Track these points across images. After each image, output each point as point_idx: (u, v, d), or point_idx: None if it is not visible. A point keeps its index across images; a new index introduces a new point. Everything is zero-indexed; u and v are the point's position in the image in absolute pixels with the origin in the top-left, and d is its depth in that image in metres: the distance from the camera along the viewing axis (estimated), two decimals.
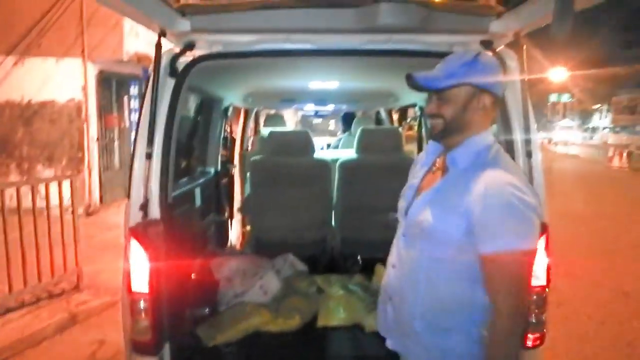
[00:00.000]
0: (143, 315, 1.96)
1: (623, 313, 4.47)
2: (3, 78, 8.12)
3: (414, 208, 1.49)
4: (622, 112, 33.02)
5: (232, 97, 3.67)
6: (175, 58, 2.02)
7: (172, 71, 2.02)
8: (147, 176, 1.95)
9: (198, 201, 2.88)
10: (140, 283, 1.94)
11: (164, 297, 1.97)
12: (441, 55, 2.04)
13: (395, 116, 5.49)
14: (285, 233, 3.21)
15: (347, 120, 5.39)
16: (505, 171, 1.36)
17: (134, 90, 9.58)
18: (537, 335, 1.91)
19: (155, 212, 1.98)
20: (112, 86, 9.07)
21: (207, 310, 2.53)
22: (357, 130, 4.60)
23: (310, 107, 5.26)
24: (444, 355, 1.44)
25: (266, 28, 2.04)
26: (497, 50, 2.03)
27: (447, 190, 1.42)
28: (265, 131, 4.60)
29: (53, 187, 4.51)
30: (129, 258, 1.94)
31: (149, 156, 1.94)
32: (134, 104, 9.61)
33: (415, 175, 1.60)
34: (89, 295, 4.50)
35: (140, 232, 1.93)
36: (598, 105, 37.75)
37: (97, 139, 8.57)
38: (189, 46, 2.03)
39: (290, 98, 4.03)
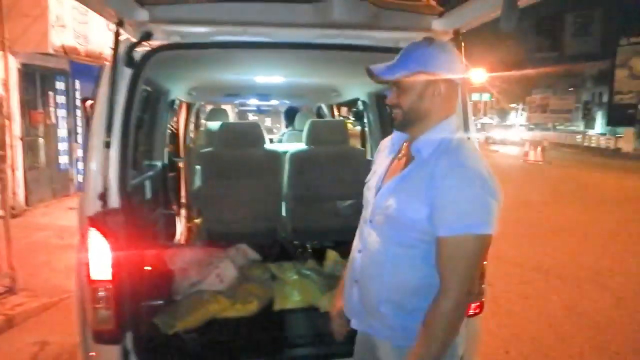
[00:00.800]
0: (105, 304, 1.96)
1: (543, 289, 4.96)
2: None
3: (380, 195, 1.52)
4: (535, 111, 35.79)
5: (179, 90, 3.66)
6: (132, 48, 2.03)
7: (129, 61, 2.02)
8: (105, 165, 1.95)
9: (149, 193, 2.87)
10: (102, 272, 1.94)
11: (124, 285, 1.99)
12: (386, 50, 2.23)
13: (336, 111, 5.67)
14: (236, 224, 3.26)
15: (290, 115, 5.49)
16: (466, 158, 1.40)
17: (60, 85, 9.07)
18: (477, 304, 2.14)
19: (114, 201, 1.98)
20: (36, 81, 8.53)
21: (163, 300, 2.55)
22: (301, 124, 4.73)
23: (255, 102, 5.30)
24: (408, 334, 1.45)
25: (224, 20, 2.11)
26: None
27: (412, 177, 1.45)
28: (210, 125, 4.59)
29: None
30: (88, 248, 1.93)
31: (107, 145, 1.94)
32: (61, 99, 9.10)
33: (381, 163, 1.63)
34: (25, 298, 4.28)
35: (100, 221, 1.93)
36: (514, 105, 40.54)
37: (21, 136, 8.04)
38: (146, 36, 2.04)
39: (239, 92, 4.07)
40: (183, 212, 3.79)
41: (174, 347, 2.29)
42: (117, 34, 1.94)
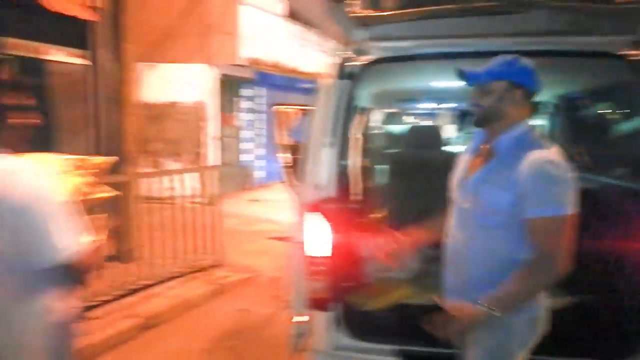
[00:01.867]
0: (322, 276, 2.35)
1: None
2: (139, 82, 9.19)
3: (467, 186, 1.79)
4: None
5: (367, 97, 4.01)
6: (349, 63, 2.38)
7: (347, 74, 2.37)
8: (325, 161, 2.34)
9: (348, 187, 3.24)
10: (321, 249, 2.33)
11: (338, 263, 2.35)
12: (588, 55, 2.25)
13: None
14: (418, 220, 3.47)
15: (464, 117, 5.54)
16: (543, 152, 1.63)
17: (246, 92, 10.37)
18: None
19: (331, 191, 2.36)
20: (228, 89, 9.91)
21: (359, 280, 2.88)
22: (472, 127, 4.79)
23: (429, 105, 5.46)
24: None
25: (430, 34, 2.35)
26: None
27: (495, 169, 1.71)
28: (388, 128, 4.87)
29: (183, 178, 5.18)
30: (311, 228, 2.33)
31: (329, 144, 2.33)
32: (246, 105, 10.40)
33: (463, 160, 1.92)
34: (227, 272, 5.10)
35: (322, 206, 2.32)
36: None
37: (216, 136, 9.41)
38: (363, 52, 2.38)
39: (420, 97, 4.28)
40: (367, 206, 4.10)
41: (371, 322, 2.60)
42: (341, 52, 2.31)
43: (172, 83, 9.09)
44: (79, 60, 5.39)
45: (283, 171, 6.98)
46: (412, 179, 3.50)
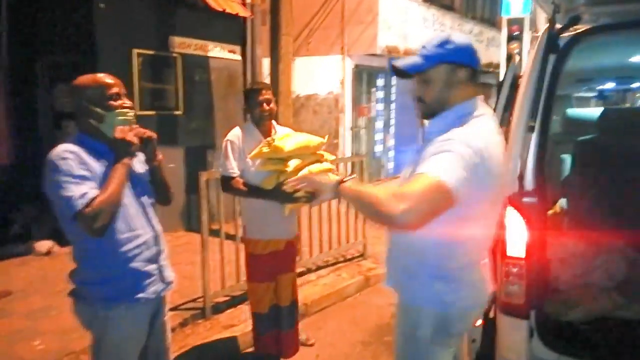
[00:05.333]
0: (517, 279, 2.08)
1: None
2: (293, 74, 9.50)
3: (405, 172, 1.76)
4: None
5: (568, 73, 3.51)
6: (557, 35, 2.05)
7: (554, 47, 2.05)
8: (525, 149, 2.04)
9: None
10: (517, 249, 2.06)
11: (535, 264, 2.05)
12: None
13: None
14: (615, 216, 2.98)
15: None
16: (457, 131, 1.50)
17: (380, 82, 10.20)
18: None
19: (529, 183, 2.07)
20: (363, 79, 9.83)
21: (558, 286, 2.55)
22: None
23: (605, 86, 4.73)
24: (410, 293, 1.73)
25: None
26: None
27: (419, 153, 1.60)
28: (570, 112, 4.28)
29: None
30: (510, 225, 2.07)
31: (531, 129, 2.03)
32: (379, 95, 10.24)
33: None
34: (372, 263, 5.01)
35: (517, 201, 2.04)
36: None
37: (351, 127, 9.41)
38: (574, 21, 2.03)
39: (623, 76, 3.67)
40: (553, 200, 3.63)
41: (570, 334, 2.27)
42: (552, 21, 1.99)
43: (308, 75, 9.25)
44: (236, 56, 5.69)
45: None
46: (607, 170, 3.01)
